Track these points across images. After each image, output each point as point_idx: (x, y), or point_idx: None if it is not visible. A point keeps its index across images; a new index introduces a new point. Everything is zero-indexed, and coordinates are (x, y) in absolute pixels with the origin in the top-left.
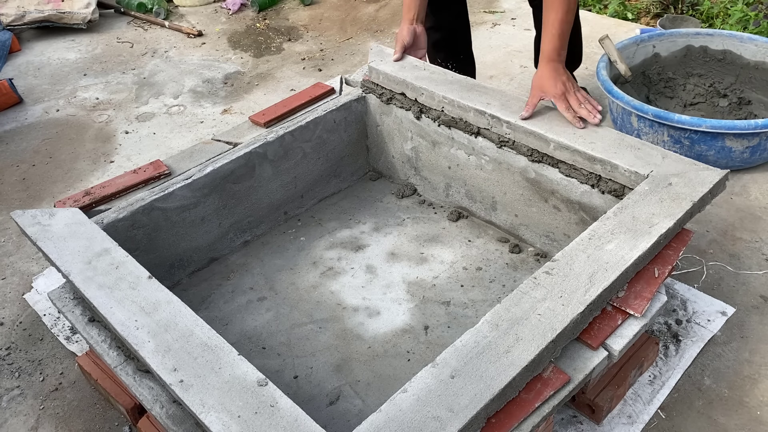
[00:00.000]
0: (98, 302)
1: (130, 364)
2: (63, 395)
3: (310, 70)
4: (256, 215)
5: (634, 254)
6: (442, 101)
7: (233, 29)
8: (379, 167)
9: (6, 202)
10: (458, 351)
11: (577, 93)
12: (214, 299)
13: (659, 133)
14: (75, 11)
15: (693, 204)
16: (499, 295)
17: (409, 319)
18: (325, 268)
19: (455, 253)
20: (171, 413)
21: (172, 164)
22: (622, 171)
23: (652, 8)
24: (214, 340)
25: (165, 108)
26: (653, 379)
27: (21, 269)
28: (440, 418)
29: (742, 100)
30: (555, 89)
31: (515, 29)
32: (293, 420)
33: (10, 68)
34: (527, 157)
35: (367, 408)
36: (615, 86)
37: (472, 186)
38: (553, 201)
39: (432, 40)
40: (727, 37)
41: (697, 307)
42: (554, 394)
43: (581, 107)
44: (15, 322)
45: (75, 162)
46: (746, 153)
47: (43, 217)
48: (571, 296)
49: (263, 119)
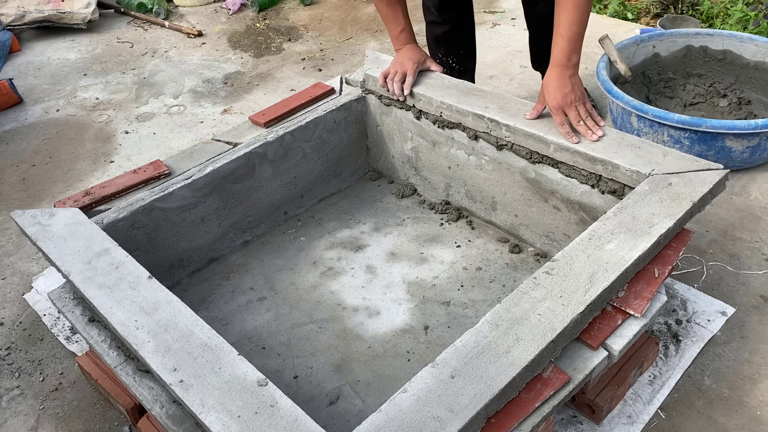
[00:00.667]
0: (98, 302)
1: (130, 364)
2: (63, 395)
3: (310, 70)
4: (256, 215)
5: (634, 254)
6: (440, 106)
7: (233, 29)
8: (379, 167)
9: (6, 202)
10: (458, 351)
11: (579, 106)
12: (214, 299)
13: (659, 133)
14: (75, 11)
15: (693, 204)
16: (499, 295)
17: (409, 319)
18: (325, 268)
19: (455, 253)
20: (171, 413)
21: (172, 164)
22: (623, 171)
23: (652, 8)
24: (214, 340)
25: (165, 108)
26: (653, 379)
27: (21, 269)
28: (440, 418)
29: (742, 100)
30: (554, 100)
31: (515, 29)
32: (293, 420)
33: (10, 68)
34: (527, 159)
35: (367, 408)
36: (615, 86)
37: (472, 186)
38: (553, 201)
39: (434, 35)
40: (727, 37)
41: (697, 307)
42: (554, 394)
43: (579, 123)
44: (15, 322)
45: (75, 162)
46: (746, 153)
47: (43, 217)
48: (571, 296)
49: (263, 119)
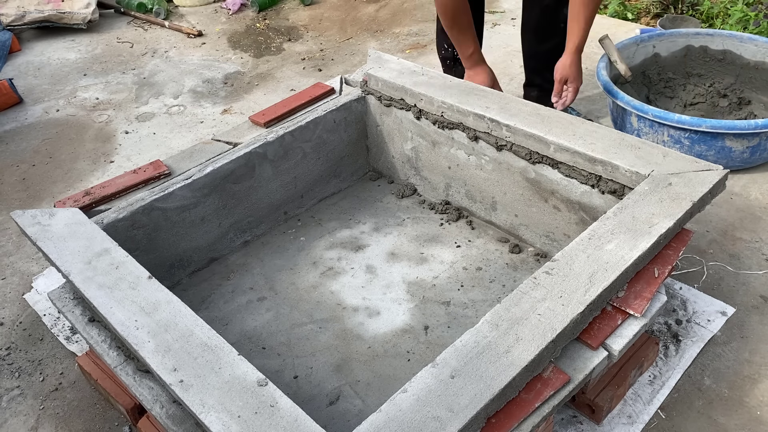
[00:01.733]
0: (98, 302)
1: (130, 364)
2: (63, 395)
3: (310, 70)
4: (256, 215)
5: (634, 254)
6: (441, 106)
7: (233, 29)
8: (379, 167)
9: (6, 202)
10: (458, 351)
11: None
12: (214, 299)
13: (659, 133)
14: (75, 11)
15: (693, 204)
16: (499, 295)
17: (409, 319)
18: (325, 268)
19: (455, 253)
20: (171, 413)
21: (172, 164)
22: (623, 171)
23: (652, 8)
24: (214, 340)
25: (165, 108)
26: (653, 379)
27: (21, 269)
28: (440, 418)
29: (742, 100)
30: (579, 80)
31: (515, 29)
32: (293, 420)
33: (10, 68)
34: (527, 160)
35: (367, 408)
36: (615, 86)
37: (472, 186)
38: (553, 201)
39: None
40: (727, 37)
41: (697, 307)
42: (554, 394)
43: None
44: (15, 322)
45: (75, 162)
46: (746, 153)
47: (43, 217)
48: (571, 296)
49: (263, 119)
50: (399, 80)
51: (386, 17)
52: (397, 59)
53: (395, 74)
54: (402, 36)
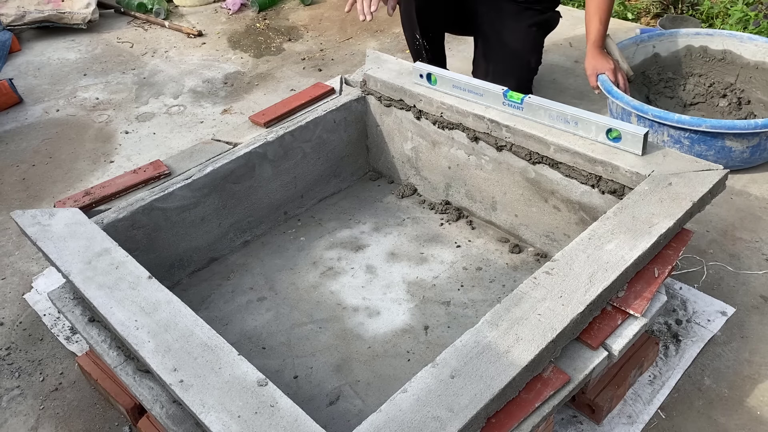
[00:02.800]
0: (98, 302)
1: (130, 364)
2: (63, 395)
3: (310, 70)
4: (256, 215)
5: (634, 254)
6: (441, 107)
7: (233, 29)
8: (379, 167)
9: (6, 202)
10: (458, 351)
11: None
12: (214, 299)
13: (659, 133)
14: (75, 11)
15: (693, 204)
16: (499, 295)
17: (409, 319)
18: (325, 268)
19: (455, 253)
20: (171, 413)
21: (172, 164)
22: (623, 172)
23: (652, 8)
24: (214, 340)
25: (165, 108)
26: (653, 379)
27: (21, 269)
28: (440, 418)
29: (742, 100)
30: (609, 64)
31: None
32: (293, 420)
33: (10, 68)
34: (527, 160)
35: (367, 408)
36: (615, 86)
37: (472, 186)
38: (553, 201)
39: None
40: (727, 37)
41: (697, 307)
42: (554, 394)
43: None
44: (15, 322)
45: (75, 162)
46: (746, 153)
47: (43, 217)
48: (571, 296)
49: (263, 119)
50: (398, 81)
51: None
52: (396, 59)
53: (394, 74)
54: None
